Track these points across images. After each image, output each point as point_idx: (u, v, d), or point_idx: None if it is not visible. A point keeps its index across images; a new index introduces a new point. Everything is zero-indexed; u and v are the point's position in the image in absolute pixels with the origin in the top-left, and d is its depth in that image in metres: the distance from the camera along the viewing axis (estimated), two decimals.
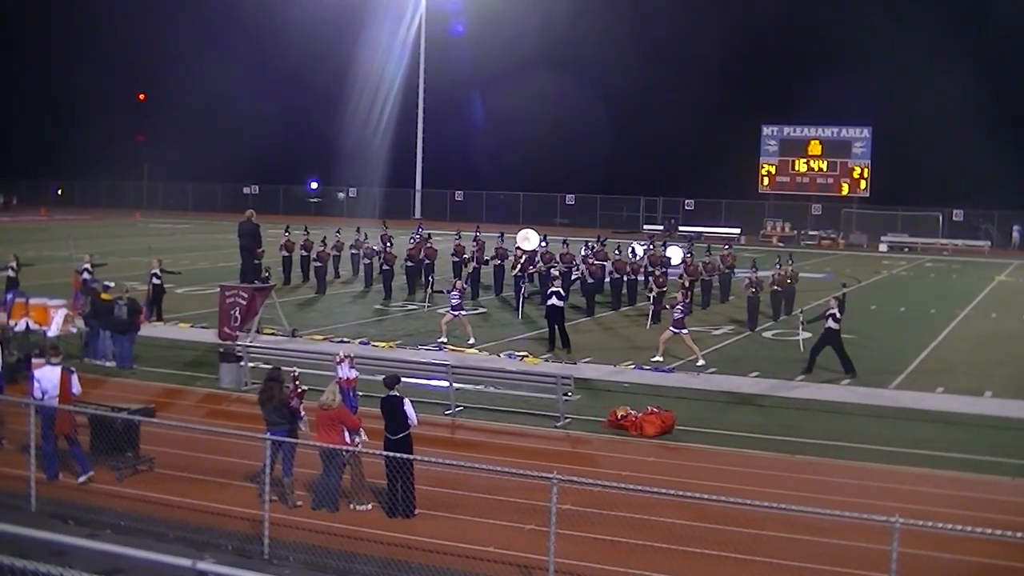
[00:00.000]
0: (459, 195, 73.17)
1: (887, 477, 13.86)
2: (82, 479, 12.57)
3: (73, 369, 13.13)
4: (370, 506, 11.99)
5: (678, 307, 21.22)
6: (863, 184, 62.22)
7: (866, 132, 62.19)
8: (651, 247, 32.74)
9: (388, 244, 32.40)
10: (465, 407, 17.03)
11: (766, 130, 64.54)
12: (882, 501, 12.21)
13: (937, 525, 9.24)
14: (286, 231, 34.01)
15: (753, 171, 64.59)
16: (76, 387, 12.89)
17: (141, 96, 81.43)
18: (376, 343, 22.45)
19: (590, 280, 28.19)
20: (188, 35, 78.01)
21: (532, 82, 69.81)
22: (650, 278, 28.05)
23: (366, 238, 34.44)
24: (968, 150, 55.27)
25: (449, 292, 23.62)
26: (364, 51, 69.41)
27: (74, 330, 20.53)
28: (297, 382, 12.51)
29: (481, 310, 28.48)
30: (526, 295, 28.19)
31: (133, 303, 20.00)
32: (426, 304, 28.01)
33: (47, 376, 12.78)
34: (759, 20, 68.70)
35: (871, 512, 9.68)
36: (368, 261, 33.03)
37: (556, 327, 22.33)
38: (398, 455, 11.31)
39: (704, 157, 66.20)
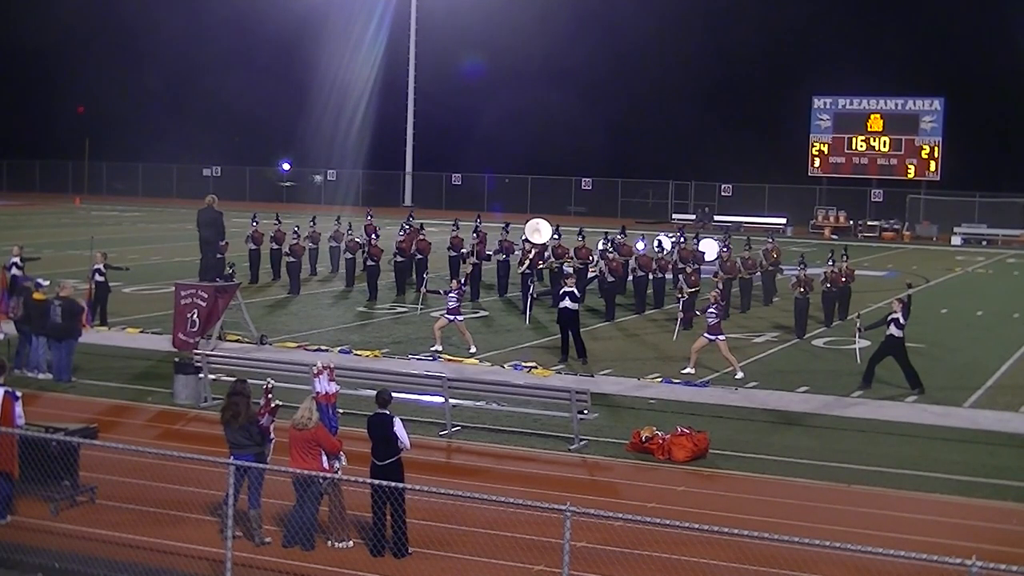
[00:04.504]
0: (456, 179, 73.24)
1: (962, 512, 13.84)
2: None
3: (19, 395, 12.63)
4: (351, 543, 12.00)
5: (711, 309, 21.21)
6: (933, 165, 62.14)
7: (937, 104, 62.04)
8: (682, 240, 32.67)
9: (373, 236, 32.41)
10: (464, 427, 17.02)
11: (817, 102, 64.46)
12: (956, 540, 12.21)
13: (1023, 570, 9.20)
14: (254, 220, 34.08)
15: (802, 151, 64.54)
16: (20, 416, 12.45)
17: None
18: (359, 352, 22.49)
19: (610, 278, 28.20)
20: None
21: (542, 47, 69.69)
22: (680, 276, 28.02)
23: (349, 229, 34.47)
24: None
25: (445, 293, 23.65)
26: (343, 10, 69.35)
27: (1, 336, 20.53)
28: (270, 395, 12.51)
29: (482, 313, 28.54)
30: (535, 296, 28.21)
31: (72, 304, 19.97)
32: (418, 306, 28.05)
33: None
34: None
35: (943, 553, 9.64)
36: (350, 256, 33.03)
37: (570, 333, 22.32)
38: (386, 483, 11.31)
39: (744, 134, 66.12)
